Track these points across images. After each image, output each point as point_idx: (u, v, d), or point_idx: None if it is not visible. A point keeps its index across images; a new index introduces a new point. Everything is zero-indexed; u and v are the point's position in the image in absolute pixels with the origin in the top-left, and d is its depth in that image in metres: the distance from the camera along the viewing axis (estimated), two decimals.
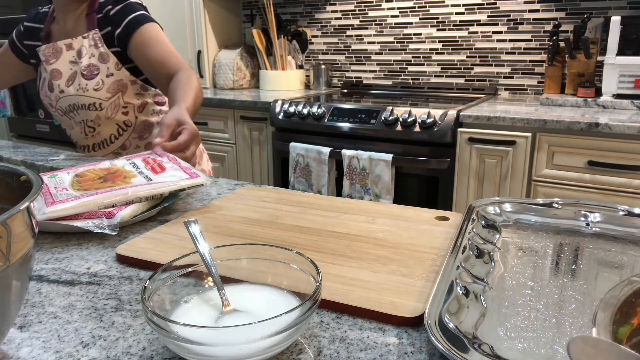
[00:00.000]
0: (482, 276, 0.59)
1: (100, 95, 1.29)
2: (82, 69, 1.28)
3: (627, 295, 0.44)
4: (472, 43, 2.54)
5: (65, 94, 1.30)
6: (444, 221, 0.79)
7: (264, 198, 0.91)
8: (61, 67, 1.30)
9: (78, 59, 1.29)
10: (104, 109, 1.31)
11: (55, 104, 1.35)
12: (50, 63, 1.31)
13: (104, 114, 1.32)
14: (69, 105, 1.32)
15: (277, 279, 0.54)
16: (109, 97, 1.30)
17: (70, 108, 1.33)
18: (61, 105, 1.33)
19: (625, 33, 1.94)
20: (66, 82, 1.30)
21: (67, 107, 1.32)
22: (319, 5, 2.89)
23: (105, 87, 1.29)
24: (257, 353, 0.43)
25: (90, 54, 1.29)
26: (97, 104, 1.30)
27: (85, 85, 1.28)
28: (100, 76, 1.29)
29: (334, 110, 2.23)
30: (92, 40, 1.29)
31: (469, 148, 1.96)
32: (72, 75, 1.30)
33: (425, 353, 0.47)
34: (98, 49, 1.29)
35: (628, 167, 1.71)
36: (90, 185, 0.82)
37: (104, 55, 1.29)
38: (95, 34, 1.29)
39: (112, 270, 0.65)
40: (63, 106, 1.33)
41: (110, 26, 1.28)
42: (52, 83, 1.32)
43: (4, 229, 0.38)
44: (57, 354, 0.48)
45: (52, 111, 1.39)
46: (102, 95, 1.29)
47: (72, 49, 1.30)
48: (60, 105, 1.33)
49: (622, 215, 0.74)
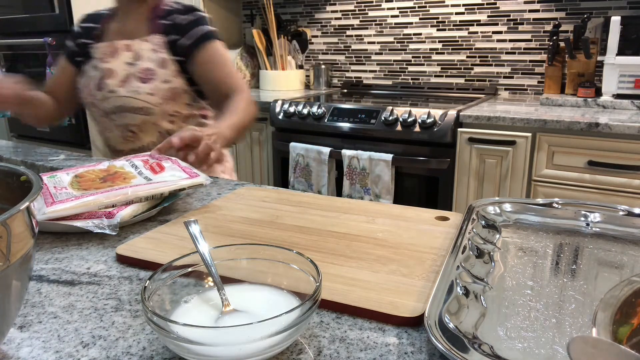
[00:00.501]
0: (482, 276, 0.59)
1: (153, 100, 1.26)
2: (138, 72, 1.26)
3: (627, 295, 0.44)
4: (472, 43, 2.54)
5: (115, 94, 1.27)
6: (444, 221, 0.79)
7: (264, 198, 0.91)
8: (116, 67, 1.27)
9: (135, 61, 1.27)
10: (152, 114, 1.28)
11: (99, 104, 1.31)
12: (106, 62, 1.28)
13: (151, 119, 1.28)
14: (116, 106, 1.28)
15: (277, 279, 0.54)
16: (160, 104, 1.27)
17: (116, 109, 1.29)
18: (106, 105, 1.29)
19: (625, 33, 1.94)
20: (119, 82, 1.27)
21: (113, 108, 1.29)
22: (319, 5, 2.89)
23: (159, 93, 1.26)
24: (257, 353, 0.43)
25: (149, 58, 1.26)
26: (147, 109, 1.27)
27: (139, 88, 1.25)
28: (156, 81, 1.26)
29: (334, 110, 2.23)
30: (154, 44, 1.27)
31: (469, 148, 1.96)
32: (127, 77, 1.26)
33: (425, 353, 0.47)
34: (159, 53, 1.27)
35: (628, 167, 1.71)
36: (90, 185, 0.82)
37: (165, 61, 1.27)
38: (159, 39, 1.27)
39: (112, 270, 0.65)
40: (108, 107, 1.29)
41: (178, 34, 1.27)
42: (102, 82, 1.28)
43: (4, 229, 0.38)
44: (57, 354, 0.48)
45: (93, 111, 1.35)
46: (154, 101, 1.26)
47: (131, 51, 1.28)
48: (105, 105, 1.30)
49: (622, 215, 0.74)
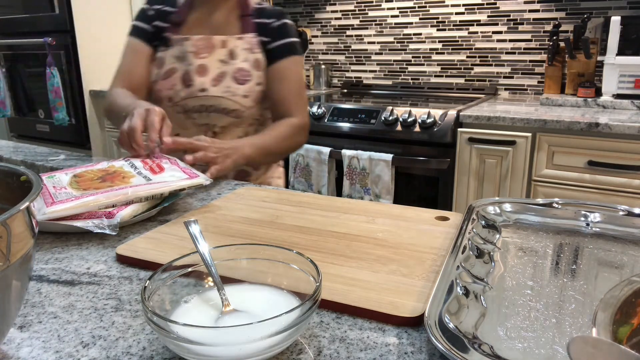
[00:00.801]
0: (482, 276, 0.59)
1: (246, 103, 1.21)
2: (234, 72, 1.20)
3: (627, 295, 0.44)
4: (472, 43, 2.54)
5: (207, 93, 1.19)
6: (444, 221, 0.79)
7: (264, 198, 0.91)
8: (210, 64, 1.20)
9: (230, 60, 1.20)
10: (242, 117, 1.22)
11: (179, 100, 1.21)
12: (201, 57, 1.20)
13: (238, 122, 1.23)
14: (203, 105, 1.20)
15: (277, 279, 0.54)
16: (251, 107, 1.22)
17: (201, 108, 1.21)
18: (189, 103, 1.21)
19: (625, 33, 1.94)
20: (212, 81, 1.19)
21: (199, 106, 1.21)
22: (319, 5, 2.89)
23: (252, 96, 1.21)
24: (257, 353, 0.43)
25: (244, 58, 1.20)
26: (239, 112, 1.21)
27: (235, 89, 1.19)
28: (251, 83, 1.21)
29: (334, 110, 2.23)
30: (248, 43, 1.21)
31: (469, 148, 1.96)
32: (220, 76, 1.19)
33: (425, 353, 0.47)
34: (254, 53, 1.21)
35: (628, 167, 1.71)
36: (89, 185, 0.82)
37: (259, 61, 1.22)
38: (253, 37, 1.22)
39: (112, 270, 0.65)
40: (191, 104, 1.21)
41: (268, 37, 1.22)
42: (192, 77, 1.19)
43: (4, 229, 0.38)
44: (57, 354, 0.48)
45: (168, 105, 1.23)
46: (247, 104, 1.21)
47: (226, 47, 1.21)
48: (187, 102, 1.21)
49: (622, 215, 0.74)
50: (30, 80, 2.97)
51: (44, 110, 2.95)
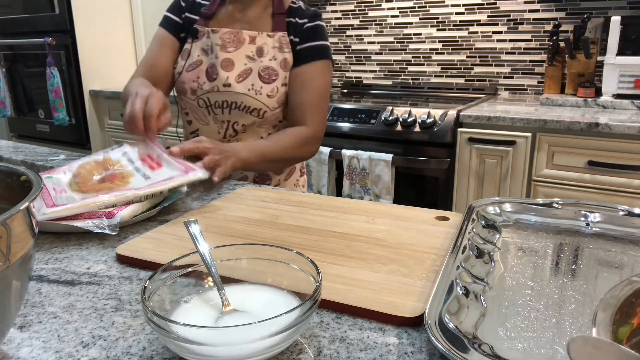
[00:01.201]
0: (482, 276, 0.59)
1: (270, 103, 1.18)
2: (260, 70, 1.17)
3: (627, 295, 0.44)
4: (472, 43, 2.54)
5: (230, 88, 1.16)
6: (444, 221, 0.79)
7: (264, 198, 0.91)
8: (236, 59, 1.17)
9: (257, 57, 1.17)
10: (265, 118, 1.19)
11: (202, 93, 1.19)
12: (228, 51, 1.17)
13: (262, 122, 1.20)
14: (225, 100, 1.18)
15: (277, 279, 0.54)
16: (275, 108, 1.19)
17: (224, 104, 1.19)
18: (212, 97, 1.19)
19: (625, 33, 1.94)
20: (237, 76, 1.16)
21: (221, 102, 1.18)
22: (319, 5, 2.89)
23: (277, 96, 1.18)
24: (257, 353, 0.43)
25: (272, 56, 1.17)
26: (262, 111, 1.18)
27: (260, 88, 1.16)
28: (277, 82, 1.17)
29: (334, 110, 2.23)
30: (278, 42, 1.18)
31: (469, 148, 1.96)
32: (246, 72, 1.17)
33: (425, 353, 0.47)
34: (283, 53, 1.18)
35: (628, 167, 1.71)
36: (90, 188, 0.82)
37: (287, 62, 1.18)
38: (284, 36, 1.19)
39: (112, 270, 0.65)
40: (214, 99, 1.19)
41: (298, 37, 1.19)
42: (217, 70, 1.17)
43: (4, 229, 0.38)
44: (57, 354, 0.48)
45: (191, 99, 1.22)
46: (271, 104, 1.18)
47: (254, 44, 1.18)
48: (210, 96, 1.19)
49: (622, 215, 0.74)
50: (30, 80, 2.97)
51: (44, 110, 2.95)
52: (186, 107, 1.25)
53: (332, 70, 1.22)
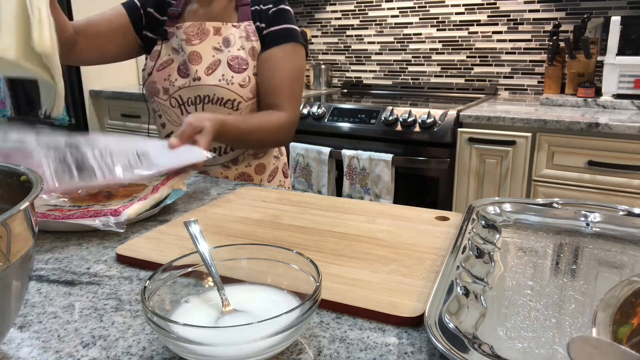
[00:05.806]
0: (482, 276, 0.59)
1: (244, 93, 1.14)
2: (229, 59, 1.14)
3: (627, 295, 0.44)
4: (472, 43, 2.54)
5: (201, 82, 1.14)
6: (444, 221, 0.79)
7: (264, 198, 0.91)
8: (203, 51, 1.15)
9: (224, 47, 1.15)
10: (240, 109, 1.16)
11: (174, 91, 1.17)
12: (192, 44, 1.15)
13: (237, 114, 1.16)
14: (198, 95, 1.15)
15: (277, 279, 0.54)
16: (249, 98, 1.16)
17: (196, 99, 1.16)
18: (184, 94, 1.16)
19: (625, 33, 1.94)
20: (206, 69, 1.14)
21: (194, 97, 1.16)
22: (319, 5, 2.89)
23: (250, 86, 1.15)
24: (257, 353, 0.43)
25: (239, 46, 1.15)
26: (236, 102, 1.15)
27: (231, 77, 1.13)
28: (248, 72, 1.14)
29: (334, 110, 2.23)
30: (245, 31, 1.16)
31: (469, 148, 1.96)
32: (215, 64, 1.14)
33: (425, 353, 0.47)
34: (251, 41, 1.16)
35: (628, 167, 1.71)
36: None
37: (256, 50, 1.16)
38: (249, 25, 1.16)
39: (112, 270, 0.65)
40: (187, 96, 1.16)
41: (263, 23, 1.16)
42: (187, 66, 1.15)
43: (4, 229, 0.38)
44: (57, 354, 0.48)
45: (163, 99, 1.19)
46: (245, 94, 1.15)
47: (220, 35, 1.16)
48: (182, 93, 1.16)
49: (622, 215, 0.74)
50: (30, 80, 2.96)
51: None
52: (159, 109, 1.22)
53: (304, 55, 1.21)
